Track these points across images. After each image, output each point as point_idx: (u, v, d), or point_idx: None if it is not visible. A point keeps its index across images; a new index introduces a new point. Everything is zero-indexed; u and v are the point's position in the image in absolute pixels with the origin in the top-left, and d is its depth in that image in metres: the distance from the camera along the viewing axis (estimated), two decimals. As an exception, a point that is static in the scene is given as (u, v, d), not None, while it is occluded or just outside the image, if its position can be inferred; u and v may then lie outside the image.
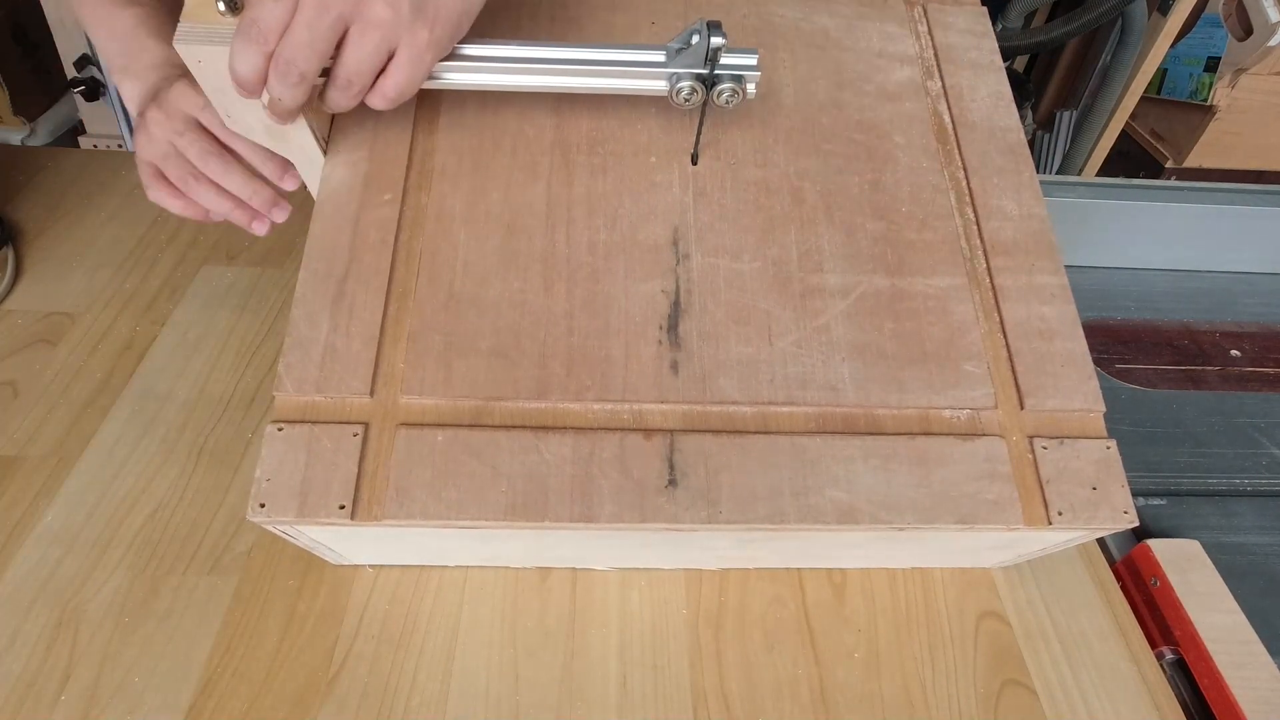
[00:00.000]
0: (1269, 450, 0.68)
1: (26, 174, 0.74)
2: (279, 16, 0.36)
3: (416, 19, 0.38)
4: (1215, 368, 0.76)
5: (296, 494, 0.37)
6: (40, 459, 0.53)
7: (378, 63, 0.39)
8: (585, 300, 0.43)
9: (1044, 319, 0.45)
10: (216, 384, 0.59)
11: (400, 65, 0.39)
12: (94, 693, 0.43)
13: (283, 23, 0.36)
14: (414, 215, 0.45)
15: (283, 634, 0.46)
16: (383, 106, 0.41)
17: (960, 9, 0.56)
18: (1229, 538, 0.60)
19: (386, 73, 0.40)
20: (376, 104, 0.41)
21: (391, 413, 0.39)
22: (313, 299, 0.41)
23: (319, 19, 0.36)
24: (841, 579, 0.51)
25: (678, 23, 0.53)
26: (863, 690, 0.46)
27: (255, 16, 0.36)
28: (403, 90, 0.40)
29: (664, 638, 0.48)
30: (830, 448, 0.40)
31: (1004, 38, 1.24)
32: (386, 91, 0.40)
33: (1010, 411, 0.43)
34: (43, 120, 1.56)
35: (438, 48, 0.40)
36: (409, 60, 0.39)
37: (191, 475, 0.53)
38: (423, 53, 0.39)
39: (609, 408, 0.41)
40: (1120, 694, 0.48)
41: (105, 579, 0.48)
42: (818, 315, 0.44)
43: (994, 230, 0.48)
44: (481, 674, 0.46)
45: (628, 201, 0.46)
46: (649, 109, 0.49)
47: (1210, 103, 1.50)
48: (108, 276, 0.66)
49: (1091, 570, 0.53)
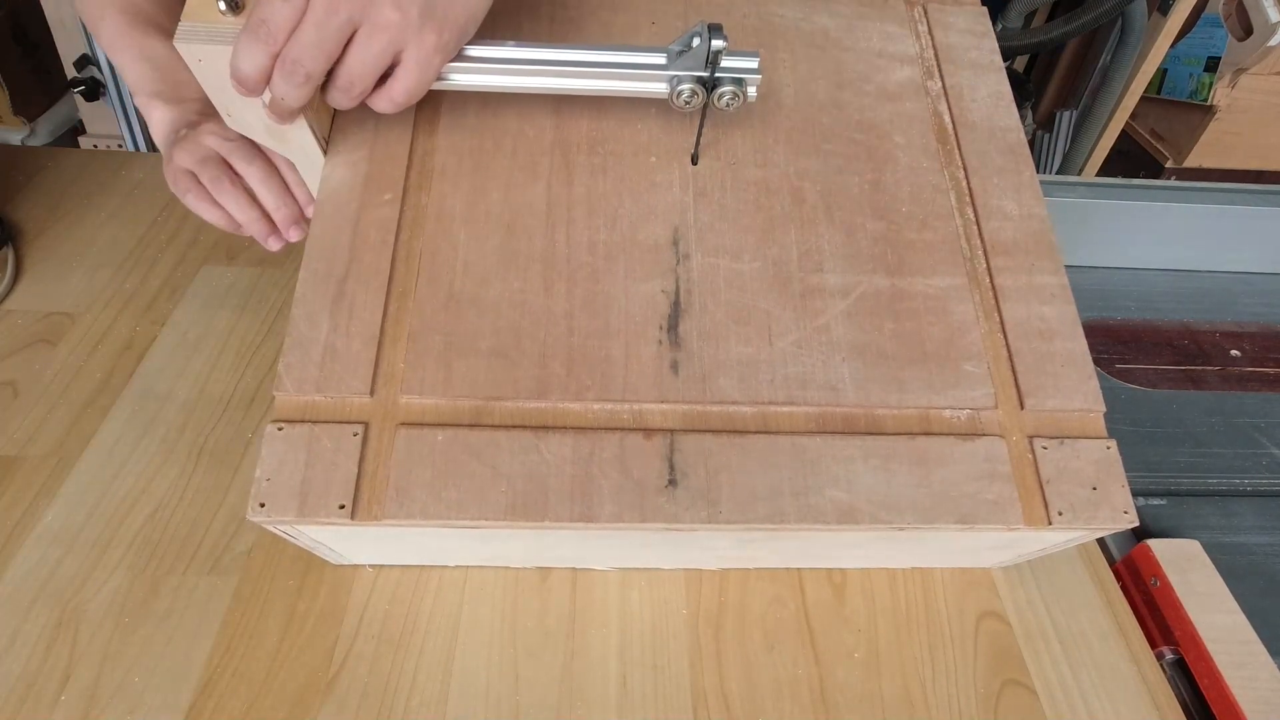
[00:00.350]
0: (1269, 450, 0.68)
1: (26, 174, 0.74)
2: (288, 16, 0.36)
3: (425, 23, 0.38)
4: (1215, 368, 0.76)
5: (296, 494, 0.37)
6: (40, 459, 0.53)
7: (382, 65, 0.39)
8: (585, 300, 0.43)
9: (1044, 319, 0.45)
10: (216, 384, 0.59)
11: (408, 69, 0.39)
12: (94, 693, 0.43)
13: (291, 23, 0.36)
14: (414, 215, 0.45)
15: (283, 634, 0.46)
16: (389, 110, 0.41)
17: (960, 9, 0.56)
18: (1229, 538, 0.60)
19: (395, 77, 0.40)
20: (383, 107, 0.41)
21: (391, 413, 0.39)
22: (313, 299, 0.41)
23: (328, 20, 0.36)
24: (841, 579, 0.51)
25: (678, 23, 0.53)
26: (863, 690, 0.46)
27: (265, 16, 0.36)
28: (410, 94, 0.40)
29: (664, 638, 0.48)
30: (830, 448, 0.40)
31: (1004, 38, 1.24)
32: (394, 96, 0.40)
33: (1010, 411, 0.43)
34: (43, 120, 1.56)
35: (445, 52, 0.40)
36: (417, 64, 0.39)
37: (191, 475, 0.53)
38: (430, 57, 0.39)
39: (609, 408, 0.41)
40: (1120, 694, 0.48)
41: (105, 579, 0.48)
42: (818, 315, 0.44)
43: (994, 230, 0.48)
44: (481, 674, 0.46)
45: (628, 201, 0.46)
46: (649, 109, 0.49)
47: (1210, 103, 1.50)
48: (108, 276, 0.66)
49: (1091, 570, 0.53)
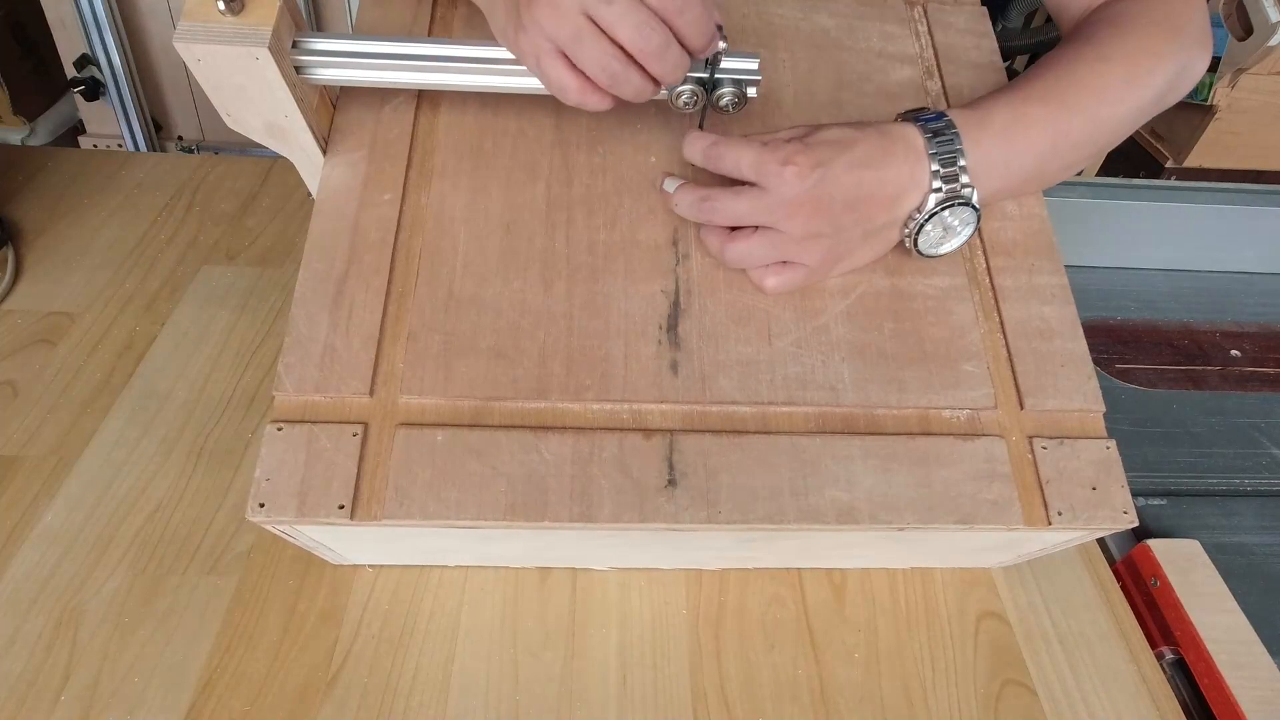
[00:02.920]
0: (1269, 450, 0.68)
1: (26, 174, 0.74)
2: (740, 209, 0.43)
3: (827, 263, 0.43)
4: (1215, 368, 0.76)
5: (296, 494, 0.37)
6: (40, 459, 0.53)
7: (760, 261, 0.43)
8: (585, 300, 0.43)
9: (1044, 319, 0.45)
10: (216, 384, 0.59)
11: (786, 278, 0.43)
12: (94, 693, 0.43)
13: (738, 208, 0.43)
14: (413, 215, 0.45)
15: (283, 634, 0.46)
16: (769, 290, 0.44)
17: (960, 9, 0.56)
18: (1229, 538, 0.60)
19: (773, 272, 0.43)
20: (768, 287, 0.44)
21: (391, 412, 0.39)
22: (312, 299, 0.41)
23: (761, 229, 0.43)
24: (841, 579, 0.51)
25: (677, 23, 0.53)
26: (863, 690, 0.46)
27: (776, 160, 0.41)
28: (773, 291, 0.44)
29: (664, 638, 0.48)
30: (830, 448, 0.40)
31: (1004, 38, 1.23)
32: (764, 286, 0.44)
33: (1010, 411, 0.43)
34: (43, 120, 1.56)
35: (818, 276, 0.44)
36: (796, 280, 0.44)
37: (191, 475, 0.53)
38: (806, 279, 0.44)
39: (609, 408, 0.41)
40: (1120, 694, 0.48)
41: (105, 579, 0.48)
42: (817, 315, 0.44)
43: (994, 230, 0.48)
44: (481, 674, 0.46)
45: (628, 201, 0.46)
46: (649, 109, 0.49)
47: (1210, 103, 1.50)
48: (108, 276, 0.66)
49: (1091, 570, 0.53)
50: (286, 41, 0.40)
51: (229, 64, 0.39)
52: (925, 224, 0.43)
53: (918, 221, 0.42)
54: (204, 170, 0.75)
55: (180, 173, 0.75)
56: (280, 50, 0.39)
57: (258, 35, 0.38)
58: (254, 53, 0.38)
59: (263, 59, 0.38)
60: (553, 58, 0.39)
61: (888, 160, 0.41)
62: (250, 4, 0.38)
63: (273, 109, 0.42)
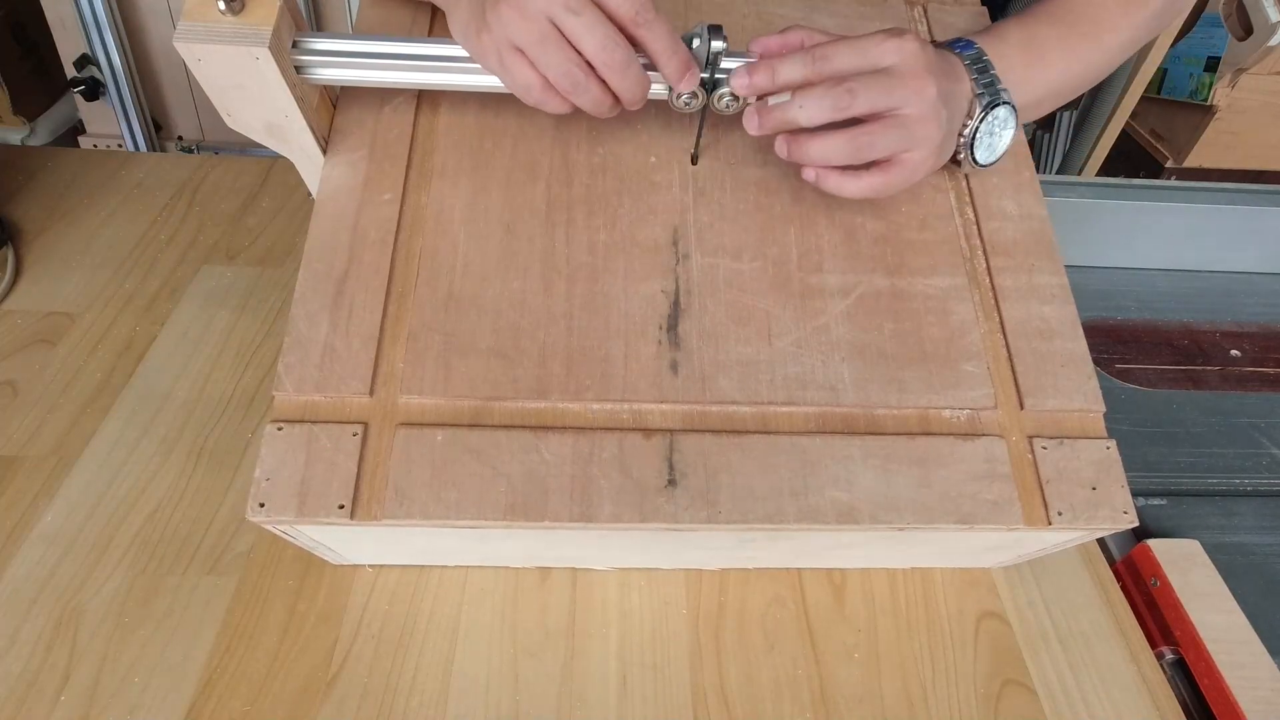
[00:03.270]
0: (1269, 450, 0.68)
1: (26, 174, 0.74)
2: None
3: (935, 152, 0.43)
4: (1215, 368, 0.76)
5: (296, 494, 0.37)
6: (40, 459, 0.53)
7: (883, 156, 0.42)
8: (585, 300, 0.43)
9: (1044, 319, 0.45)
10: (216, 384, 0.59)
11: (892, 175, 0.43)
12: (94, 693, 0.43)
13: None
14: (413, 215, 0.45)
15: (283, 634, 0.46)
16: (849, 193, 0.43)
17: (960, 9, 0.56)
18: (1229, 538, 0.60)
19: (878, 171, 0.43)
20: (848, 189, 0.43)
21: (391, 412, 0.39)
22: (312, 299, 0.41)
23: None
24: (841, 579, 0.51)
25: (677, 23, 0.53)
26: (863, 690, 0.46)
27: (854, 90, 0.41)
28: (869, 192, 0.44)
29: (664, 638, 0.48)
30: (830, 448, 0.40)
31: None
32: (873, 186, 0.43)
33: (1010, 411, 0.43)
34: (43, 120, 1.56)
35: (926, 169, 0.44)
36: (901, 177, 0.43)
37: (191, 475, 0.53)
38: (909, 177, 0.43)
39: (608, 408, 0.41)
40: (1120, 694, 0.48)
41: (105, 579, 0.48)
42: (817, 315, 0.44)
43: (994, 230, 0.48)
44: (481, 674, 0.46)
45: (628, 201, 0.46)
46: (649, 108, 0.49)
47: (1210, 103, 1.50)
48: (108, 276, 0.66)
49: (1091, 570, 0.53)
50: (286, 41, 0.40)
51: (229, 64, 0.39)
52: (978, 129, 0.45)
53: (971, 127, 0.45)
54: (204, 170, 0.75)
55: (180, 173, 0.75)
56: (280, 50, 0.39)
57: (258, 35, 0.38)
58: (254, 52, 0.38)
59: (263, 59, 0.39)
60: (515, 56, 0.39)
61: (948, 68, 0.44)
62: (250, 4, 0.38)
63: (273, 109, 0.42)
